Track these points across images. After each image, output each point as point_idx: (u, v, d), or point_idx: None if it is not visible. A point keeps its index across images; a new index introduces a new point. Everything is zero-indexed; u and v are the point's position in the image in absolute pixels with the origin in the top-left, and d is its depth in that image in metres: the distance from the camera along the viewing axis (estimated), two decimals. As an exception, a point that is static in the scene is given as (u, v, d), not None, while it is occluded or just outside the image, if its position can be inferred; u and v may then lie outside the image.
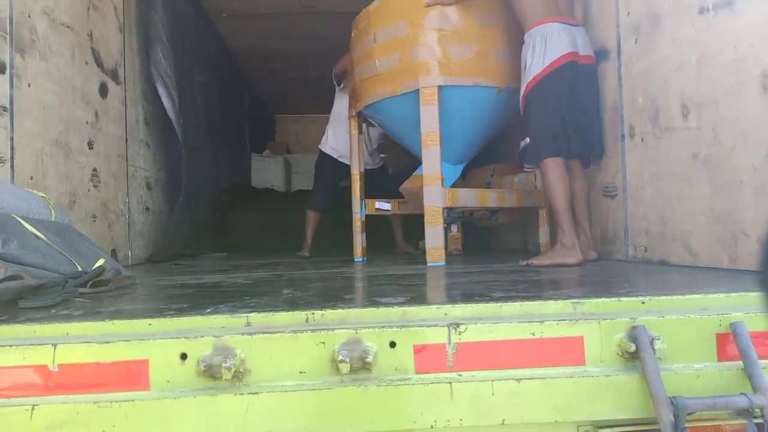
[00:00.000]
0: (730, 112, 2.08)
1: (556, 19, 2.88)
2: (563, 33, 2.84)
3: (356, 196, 3.90)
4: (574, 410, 1.22)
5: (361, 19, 3.53)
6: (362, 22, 3.50)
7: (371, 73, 3.39)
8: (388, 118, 3.60)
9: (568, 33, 2.86)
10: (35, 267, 1.71)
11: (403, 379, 1.20)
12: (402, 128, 3.54)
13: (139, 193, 4.10)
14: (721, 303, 1.35)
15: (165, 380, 1.16)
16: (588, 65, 2.96)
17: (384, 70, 3.30)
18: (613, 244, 3.00)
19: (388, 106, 3.39)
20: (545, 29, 2.85)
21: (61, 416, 1.12)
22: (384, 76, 3.30)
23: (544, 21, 2.87)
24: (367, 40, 3.41)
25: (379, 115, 3.61)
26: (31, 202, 2.09)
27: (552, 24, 2.86)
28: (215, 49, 6.21)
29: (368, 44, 3.39)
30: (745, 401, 1.17)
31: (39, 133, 2.71)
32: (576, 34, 2.92)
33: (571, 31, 2.89)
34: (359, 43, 3.51)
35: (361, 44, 3.47)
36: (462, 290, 1.80)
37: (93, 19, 3.37)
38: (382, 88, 3.33)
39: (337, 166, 4.54)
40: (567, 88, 2.83)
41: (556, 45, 2.81)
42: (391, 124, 3.69)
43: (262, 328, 1.24)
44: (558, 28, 2.85)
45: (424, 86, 3.10)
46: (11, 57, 2.48)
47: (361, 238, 3.84)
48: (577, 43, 2.89)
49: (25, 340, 1.19)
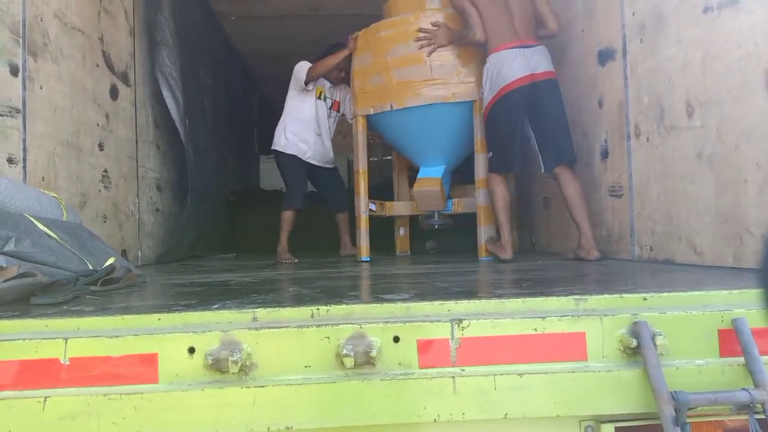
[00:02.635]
0: (735, 111, 2.08)
1: (513, 44, 3.16)
2: (518, 58, 3.13)
3: (360, 195, 3.90)
4: (576, 405, 1.23)
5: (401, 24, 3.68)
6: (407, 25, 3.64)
7: (422, 77, 3.57)
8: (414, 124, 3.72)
9: (523, 57, 3.13)
10: (47, 265, 1.74)
11: (406, 374, 1.22)
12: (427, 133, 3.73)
13: (149, 195, 4.14)
14: (723, 300, 1.36)
15: (174, 373, 1.19)
16: (548, 80, 3.18)
17: (441, 76, 3.54)
18: (618, 243, 3.00)
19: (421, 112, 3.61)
20: (500, 56, 3.16)
21: (73, 408, 1.14)
22: (440, 81, 3.55)
23: (500, 48, 3.17)
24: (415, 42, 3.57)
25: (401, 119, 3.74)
26: (43, 202, 2.13)
27: (508, 51, 3.15)
28: (223, 51, 6.26)
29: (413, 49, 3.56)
30: (746, 396, 1.17)
31: (51, 135, 2.75)
32: (533, 55, 3.16)
33: (526, 54, 3.14)
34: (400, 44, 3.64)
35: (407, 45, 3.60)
36: (464, 287, 1.82)
37: (104, 22, 3.41)
38: (434, 92, 3.55)
39: (300, 163, 4.39)
40: (521, 110, 3.16)
41: (508, 72, 3.12)
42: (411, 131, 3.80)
43: (268, 323, 1.27)
44: (514, 54, 3.13)
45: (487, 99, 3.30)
46: (24, 60, 2.52)
47: (366, 237, 3.87)
48: (532, 64, 3.13)
49: (37, 334, 1.22)
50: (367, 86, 3.83)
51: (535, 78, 3.12)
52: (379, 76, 3.73)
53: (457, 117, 3.61)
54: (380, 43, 3.74)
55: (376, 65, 3.75)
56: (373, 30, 3.81)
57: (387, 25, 3.78)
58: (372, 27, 3.81)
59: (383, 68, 3.70)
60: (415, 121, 3.68)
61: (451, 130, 3.68)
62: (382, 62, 3.70)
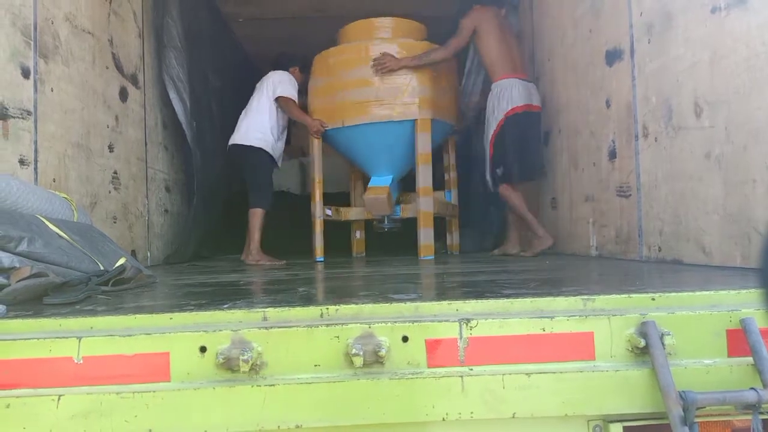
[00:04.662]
0: (743, 111, 2.08)
1: (515, 75, 3.78)
2: (521, 88, 3.74)
3: (315, 202, 4.34)
4: (584, 404, 1.24)
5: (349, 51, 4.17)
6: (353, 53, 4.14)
7: (370, 98, 4.04)
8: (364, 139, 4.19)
9: (524, 88, 3.76)
10: (59, 265, 1.76)
11: (415, 373, 1.23)
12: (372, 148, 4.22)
13: (158, 196, 4.17)
14: (731, 299, 1.36)
15: (185, 372, 1.20)
16: (538, 113, 3.86)
17: (387, 97, 4.01)
18: (627, 243, 3.00)
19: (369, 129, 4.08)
20: (507, 84, 3.74)
21: (86, 406, 1.16)
22: (386, 102, 4.02)
23: (504, 77, 3.76)
24: (359, 70, 4.06)
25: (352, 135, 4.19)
26: (54, 203, 2.15)
27: (512, 80, 3.75)
28: (231, 53, 6.28)
29: (361, 73, 4.05)
30: (754, 396, 1.17)
31: (61, 137, 2.78)
32: (530, 88, 3.80)
33: (526, 86, 3.78)
34: (351, 69, 4.11)
35: (356, 71, 4.09)
36: (473, 287, 1.83)
37: (113, 24, 3.44)
38: (380, 111, 4.01)
39: (270, 160, 4.46)
40: (521, 131, 3.72)
41: (513, 97, 3.70)
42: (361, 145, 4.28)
43: (278, 322, 1.28)
44: (516, 83, 3.74)
45: (422, 117, 3.96)
46: (35, 62, 2.55)
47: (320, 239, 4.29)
48: (532, 96, 3.78)
49: (51, 333, 1.23)
50: (322, 105, 4.27)
51: (531, 108, 3.76)
52: (333, 96, 4.19)
53: (400, 134, 4.06)
54: (334, 67, 4.20)
55: (331, 86, 4.21)
56: (326, 56, 4.28)
57: (340, 51, 4.25)
58: (325, 53, 4.29)
59: (336, 89, 4.17)
60: (364, 137, 4.14)
61: (395, 145, 4.13)
62: (336, 84, 4.17)
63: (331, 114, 4.19)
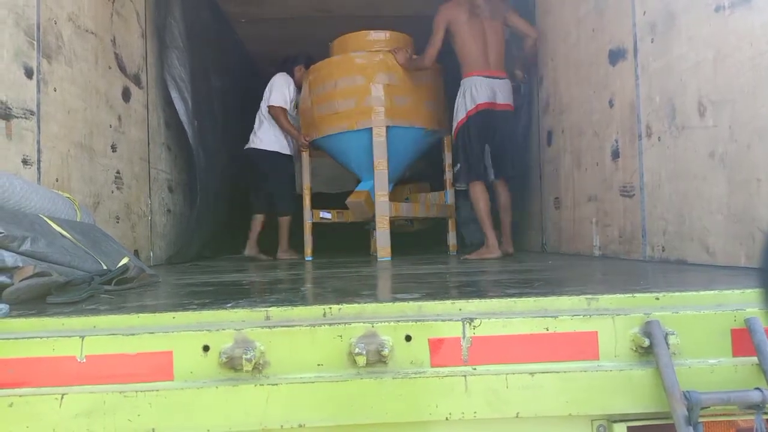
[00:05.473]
0: (747, 110, 2.07)
1: (482, 73, 3.76)
2: (484, 86, 3.74)
3: (306, 207, 4.66)
4: (587, 404, 1.23)
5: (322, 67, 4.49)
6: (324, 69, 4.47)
7: (331, 111, 4.35)
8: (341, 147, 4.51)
9: (489, 86, 3.75)
10: (62, 265, 1.77)
11: (418, 372, 1.22)
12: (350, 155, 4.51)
13: (161, 196, 4.17)
14: (736, 299, 1.35)
15: (188, 371, 1.20)
16: (505, 111, 3.85)
17: (343, 110, 4.29)
18: (630, 243, 2.99)
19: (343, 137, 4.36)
20: (471, 81, 3.76)
21: (89, 405, 1.16)
22: (343, 114, 4.29)
23: (472, 74, 3.77)
24: (328, 84, 4.38)
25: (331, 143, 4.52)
26: (57, 203, 2.15)
27: (477, 78, 3.75)
28: (234, 53, 6.28)
29: (329, 88, 4.37)
30: (759, 396, 1.17)
31: (64, 137, 2.78)
32: (498, 86, 3.79)
33: (492, 84, 3.76)
34: (319, 85, 4.47)
35: (323, 87, 4.42)
36: (476, 286, 1.82)
37: (116, 24, 3.45)
38: (340, 123, 4.30)
39: (287, 159, 4.79)
40: (485, 128, 3.76)
41: (477, 96, 3.73)
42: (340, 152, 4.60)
43: (281, 321, 1.28)
44: (481, 81, 3.74)
45: (376, 125, 4.16)
46: (38, 62, 2.56)
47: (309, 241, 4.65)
48: (496, 94, 3.77)
49: (54, 332, 1.23)
50: (305, 118, 4.64)
51: (495, 107, 3.76)
52: (310, 110, 4.53)
53: (364, 143, 4.26)
54: (313, 82, 4.54)
55: (309, 101, 4.56)
56: (309, 71, 4.63)
57: (317, 68, 4.56)
58: (310, 68, 4.62)
59: (313, 103, 4.50)
60: (339, 146, 4.48)
61: (362, 153, 4.34)
62: (313, 98, 4.51)
63: (310, 126, 4.59)
